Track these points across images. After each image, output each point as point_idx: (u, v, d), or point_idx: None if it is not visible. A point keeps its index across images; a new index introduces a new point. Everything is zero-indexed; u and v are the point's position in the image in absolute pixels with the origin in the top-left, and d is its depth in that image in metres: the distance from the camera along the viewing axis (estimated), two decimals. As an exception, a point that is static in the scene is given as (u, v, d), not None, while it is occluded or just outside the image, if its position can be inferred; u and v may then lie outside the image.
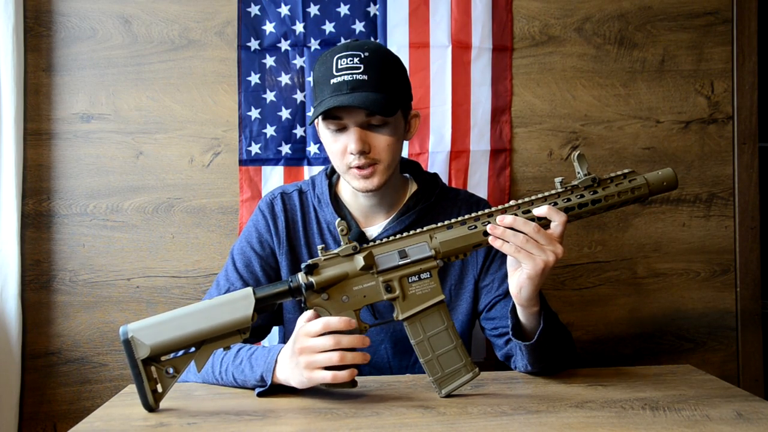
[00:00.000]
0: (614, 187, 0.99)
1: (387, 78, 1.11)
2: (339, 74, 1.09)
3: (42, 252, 1.67)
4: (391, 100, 1.10)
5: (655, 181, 1.00)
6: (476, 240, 0.98)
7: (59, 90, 1.68)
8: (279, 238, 1.24)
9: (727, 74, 1.77)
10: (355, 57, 1.09)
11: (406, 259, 0.97)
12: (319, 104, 1.11)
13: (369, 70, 1.09)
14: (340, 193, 1.26)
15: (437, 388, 0.98)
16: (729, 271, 1.78)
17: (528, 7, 1.74)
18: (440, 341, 0.98)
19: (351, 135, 1.10)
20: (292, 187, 1.29)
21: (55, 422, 1.66)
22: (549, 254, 0.95)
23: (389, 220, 1.22)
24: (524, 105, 1.75)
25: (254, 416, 0.91)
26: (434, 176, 1.30)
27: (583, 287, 1.76)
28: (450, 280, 1.22)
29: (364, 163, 1.11)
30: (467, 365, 0.98)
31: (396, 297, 0.98)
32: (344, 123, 1.11)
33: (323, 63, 1.13)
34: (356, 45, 1.13)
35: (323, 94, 1.11)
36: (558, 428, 0.84)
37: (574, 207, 0.99)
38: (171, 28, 1.69)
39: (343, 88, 1.08)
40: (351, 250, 0.97)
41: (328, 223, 1.22)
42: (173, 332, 0.93)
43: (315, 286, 0.96)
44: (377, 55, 1.11)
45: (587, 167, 0.99)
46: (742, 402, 0.94)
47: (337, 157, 1.14)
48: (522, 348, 1.05)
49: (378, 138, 1.12)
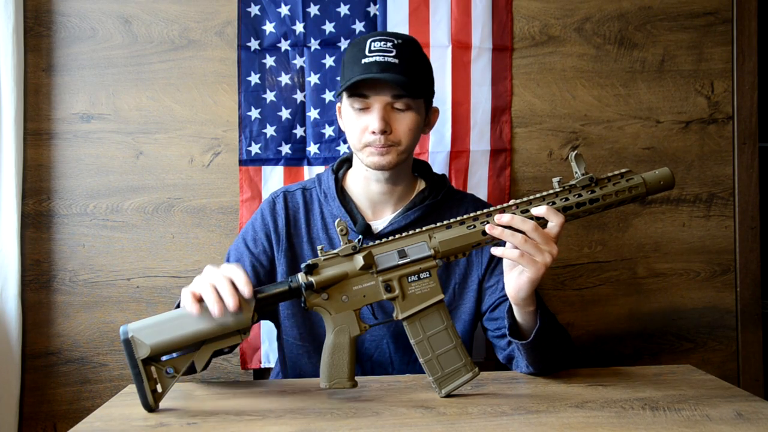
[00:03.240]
0: (612, 187, 0.99)
1: (417, 66, 1.16)
2: (371, 55, 1.13)
3: (42, 252, 1.67)
4: (419, 85, 1.15)
5: (652, 180, 1.00)
6: (475, 239, 0.97)
7: (59, 90, 1.68)
8: (278, 236, 1.25)
9: (727, 74, 1.77)
10: (389, 42, 1.14)
11: (405, 258, 0.97)
12: (348, 80, 1.14)
13: (401, 55, 1.13)
14: (347, 186, 1.27)
15: (437, 388, 0.98)
16: (729, 271, 1.78)
17: (528, 7, 1.74)
18: (440, 341, 0.98)
19: (374, 114, 1.13)
20: (295, 186, 1.32)
21: (55, 422, 1.66)
22: (546, 255, 0.95)
23: (395, 214, 1.23)
24: (524, 105, 1.75)
25: (254, 416, 0.91)
26: (443, 177, 1.32)
27: (583, 287, 1.76)
28: (453, 279, 1.23)
29: (384, 143, 1.14)
30: (467, 365, 0.98)
31: (395, 296, 0.98)
32: (369, 102, 1.14)
33: (355, 45, 1.17)
34: (389, 33, 1.18)
35: (353, 72, 1.14)
36: (558, 428, 0.84)
37: (572, 206, 0.99)
38: (171, 28, 1.69)
39: (374, 68, 1.12)
40: (350, 250, 0.97)
41: (335, 216, 1.24)
42: (173, 332, 0.93)
43: (315, 286, 0.96)
44: (410, 45, 1.17)
45: (584, 167, 0.99)
46: (742, 402, 0.94)
47: (356, 134, 1.17)
48: (520, 347, 1.05)
49: (400, 120, 1.15)
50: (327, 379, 0.96)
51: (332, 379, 0.96)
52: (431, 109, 1.25)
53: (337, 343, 0.97)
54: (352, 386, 0.97)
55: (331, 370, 0.96)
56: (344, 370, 0.96)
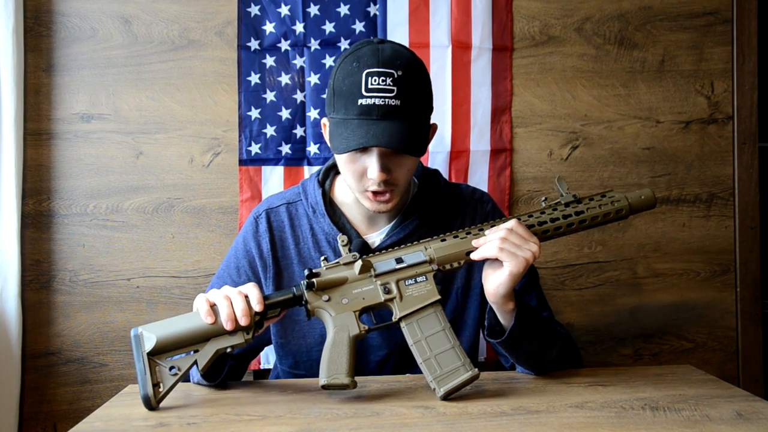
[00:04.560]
0: (595, 203, 1.07)
1: (419, 102, 1.07)
2: (369, 95, 1.02)
3: (42, 252, 1.67)
4: (421, 130, 1.07)
5: (635, 201, 1.08)
6: (467, 247, 1.03)
7: (59, 90, 1.68)
8: (264, 261, 1.19)
9: (727, 74, 1.77)
10: (389, 77, 1.02)
11: (402, 263, 1.02)
12: (346, 126, 1.04)
13: (402, 94, 1.03)
14: (336, 197, 1.21)
15: (436, 388, 0.97)
16: (729, 271, 1.78)
17: (528, 7, 1.74)
18: (438, 341, 0.98)
19: (373, 161, 1.05)
20: (278, 200, 1.23)
21: (55, 422, 1.66)
22: (526, 251, 0.99)
23: (391, 226, 1.19)
24: (524, 105, 1.75)
25: (254, 416, 0.91)
26: (434, 173, 1.26)
27: (583, 287, 1.76)
28: (456, 283, 1.21)
29: (385, 190, 1.08)
30: (466, 365, 0.97)
31: (393, 298, 1.00)
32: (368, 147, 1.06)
33: (350, 74, 1.04)
34: (387, 59, 1.03)
35: (349, 111, 1.04)
36: (558, 428, 0.84)
37: (559, 218, 1.05)
38: (171, 28, 1.69)
39: (373, 113, 1.02)
40: (351, 258, 1.02)
41: (326, 234, 1.17)
42: (180, 327, 0.97)
43: (316, 285, 0.99)
44: (411, 75, 1.05)
45: (567, 188, 1.08)
46: (742, 402, 0.94)
47: (353, 178, 1.09)
48: (497, 346, 1.07)
49: (400, 164, 1.08)
50: (325, 374, 0.96)
51: (330, 374, 0.95)
52: (430, 128, 1.15)
53: (337, 340, 0.97)
54: (351, 384, 0.95)
55: (330, 366, 0.96)
56: (343, 365, 0.95)
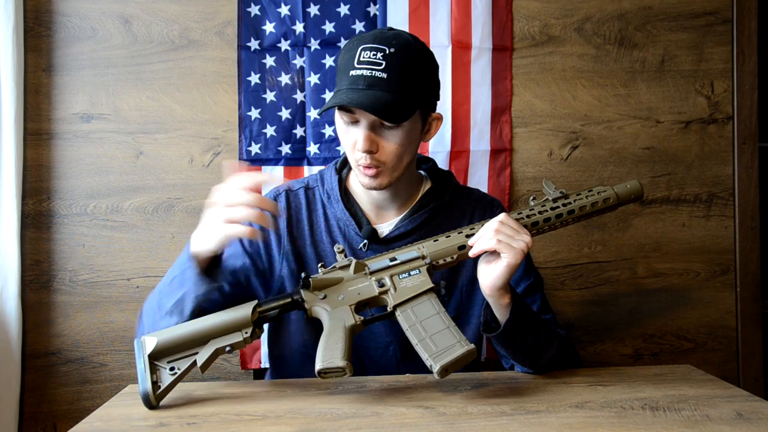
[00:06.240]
0: (582, 195, 1.10)
1: (408, 79, 1.07)
2: (359, 67, 1.06)
3: (42, 252, 1.67)
4: (406, 104, 1.07)
5: (623, 192, 1.11)
6: (459, 241, 1.06)
7: (59, 90, 1.68)
8: (278, 236, 1.21)
9: (727, 74, 1.77)
10: (379, 52, 1.06)
11: (395, 261, 1.04)
12: (335, 94, 1.10)
13: (390, 68, 1.06)
14: (351, 186, 1.25)
15: (432, 364, 0.94)
16: (729, 271, 1.78)
17: (528, 7, 1.74)
18: (433, 323, 0.99)
19: (360, 132, 1.09)
20: (298, 183, 1.27)
21: (55, 422, 1.66)
22: (520, 242, 1.01)
23: (401, 218, 1.21)
24: (524, 105, 1.75)
25: (254, 416, 0.91)
26: (448, 174, 1.29)
27: (583, 287, 1.76)
28: (461, 282, 1.21)
29: (370, 164, 1.10)
30: (462, 341, 0.96)
31: (387, 290, 1.02)
32: (357, 117, 1.09)
33: (348, 50, 1.10)
34: (384, 38, 1.08)
35: (341, 83, 1.09)
36: (558, 428, 0.84)
37: (548, 210, 1.08)
38: (171, 28, 1.69)
39: (360, 82, 1.06)
40: (347, 262, 1.04)
41: (338, 219, 1.21)
42: (179, 330, 0.99)
43: (311, 284, 1.01)
44: (403, 53, 1.07)
45: (555, 187, 1.11)
46: (742, 402, 0.94)
47: (347, 149, 1.14)
48: (492, 341, 1.07)
49: (387, 140, 1.10)
50: (321, 360, 0.95)
51: (326, 359, 0.94)
52: (431, 116, 1.17)
53: (332, 328, 0.98)
54: (347, 367, 0.94)
55: (325, 352, 0.95)
56: (338, 351, 0.95)
